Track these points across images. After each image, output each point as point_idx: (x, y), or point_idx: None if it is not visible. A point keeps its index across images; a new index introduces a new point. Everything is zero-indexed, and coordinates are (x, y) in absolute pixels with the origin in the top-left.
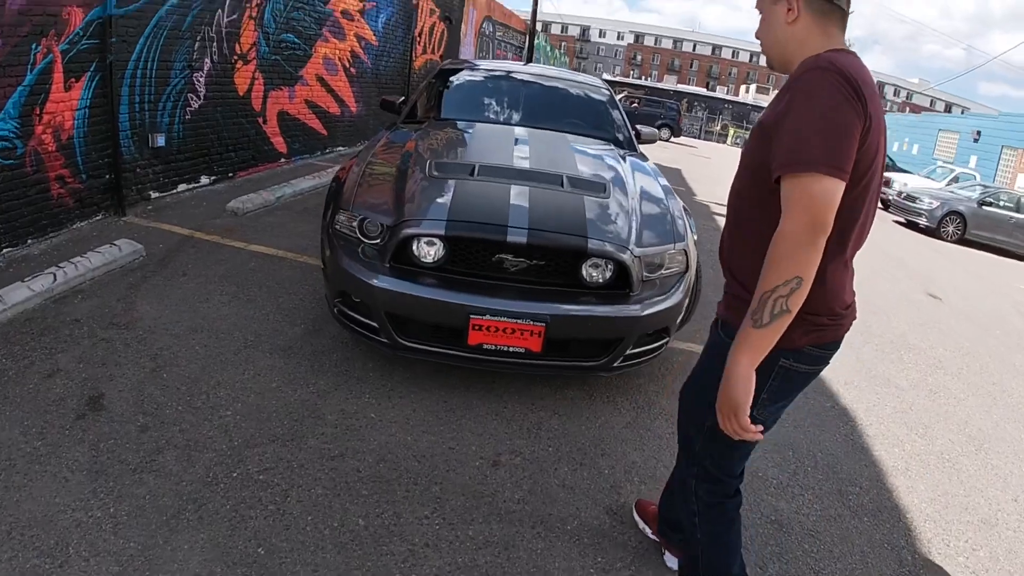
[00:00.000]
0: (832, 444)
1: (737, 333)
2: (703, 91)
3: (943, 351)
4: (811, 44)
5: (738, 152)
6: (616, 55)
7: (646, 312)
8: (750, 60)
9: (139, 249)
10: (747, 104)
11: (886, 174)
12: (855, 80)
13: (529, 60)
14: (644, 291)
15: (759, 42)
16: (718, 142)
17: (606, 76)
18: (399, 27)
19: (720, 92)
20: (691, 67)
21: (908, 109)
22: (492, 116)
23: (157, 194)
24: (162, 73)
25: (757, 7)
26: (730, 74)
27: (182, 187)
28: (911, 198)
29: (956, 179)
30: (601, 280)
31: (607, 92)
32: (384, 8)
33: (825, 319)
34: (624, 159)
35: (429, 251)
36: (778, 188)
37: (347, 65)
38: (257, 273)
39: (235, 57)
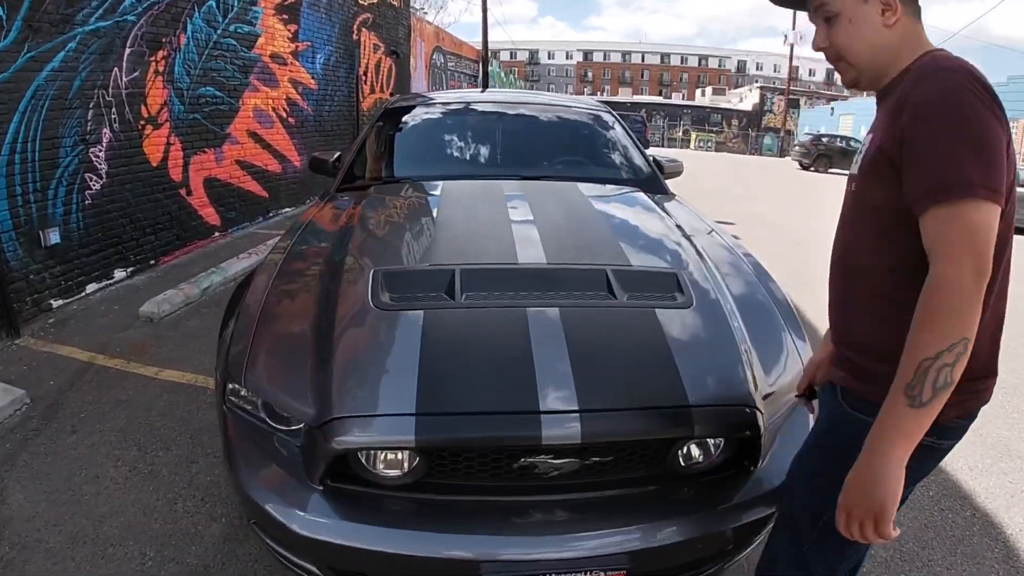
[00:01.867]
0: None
1: (882, 415)
2: (660, 99)
3: None
4: (908, 50)
5: (704, 155)
6: (567, 74)
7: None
8: (699, 64)
9: (20, 396)
10: (705, 107)
11: None
12: (989, 85)
13: (485, 88)
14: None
15: (828, 54)
16: (681, 147)
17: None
18: (341, 67)
19: (676, 99)
20: (642, 77)
21: (866, 93)
22: (464, 168)
23: (60, 301)
24: (48, 153)
25: (826, 11)
26: (681, 79)
27: (91, 287)
28: None
29: None
30: (704, 460)
31: (607, 113)
32: (321, 47)
33: (979, 383)
34: (666, 211)
35: (393, 462)
36: (892, 228)
37: (284, 115)
38: (167, 420)
39: (142, 122)
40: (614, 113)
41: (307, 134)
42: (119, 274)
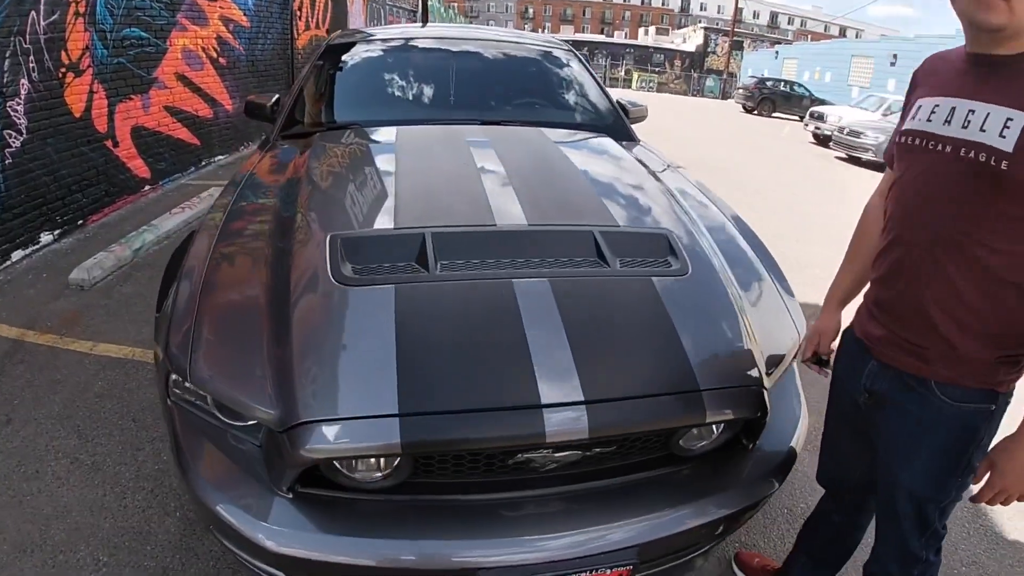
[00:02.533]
0: None
1: None
2: (602, 38)
3: None
4: None
5: (646, 95)
6: (507, 10)
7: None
8: (642, 2)
9: None
10: (648, 47)
11: (819, 108)
12: None
13: (424, 23)
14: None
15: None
16: (624, 87)
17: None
18: (274, 2)
19: (618, 37)
20: (584, 15)
21: (810, 37)
22: (417, 111)
23: None
24: None
25: None
26: (624, 18)
27: (17, 255)
28: (855, 133)
29: (890, 108)
30: (708, 441)
31: (568, 51)
32: None
33: None
34: (640, 161)
35: (372, 464)
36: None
37: (215, 56)
38: (106, 402)
39: (63, 69)
40: (575, 51)
41: (240, 76)
42: (46, 238)
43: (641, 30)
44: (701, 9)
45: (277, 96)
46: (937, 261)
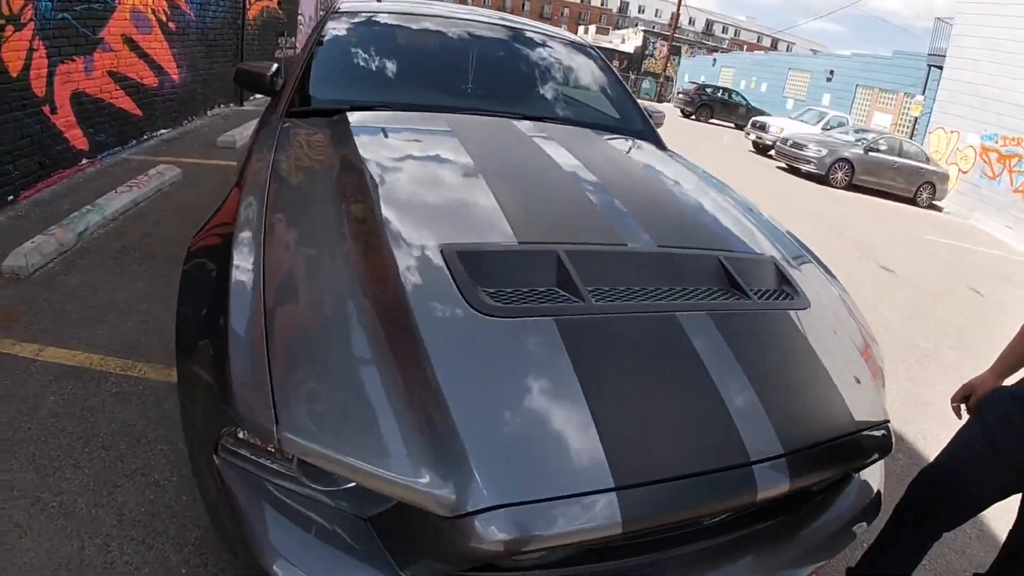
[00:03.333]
0: None
1: None
2: None
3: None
4: None
5: None
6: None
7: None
8: (581, 1)
9: None
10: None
11: (761, 119)
12: None
13: None
14: None
15: None
16: None
17: None
18: None
19: None
20: (523, 8)
21: (746, 47)
22: (452, 98)
23: None
24: None
25: None
26: (563, 14)
27: None
28: (798, 145)
29: (829, 123)
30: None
31: (596, 51)
32: None
33: None
34: (694, 172)
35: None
36: None
37: (164, 19)
38: (65, 423)
39: (1, 21)
40: (597, 49)
41: (188, 43)
42: None
43: (580, 27)
44: (639, 12)
45: (276, 65)
46: None
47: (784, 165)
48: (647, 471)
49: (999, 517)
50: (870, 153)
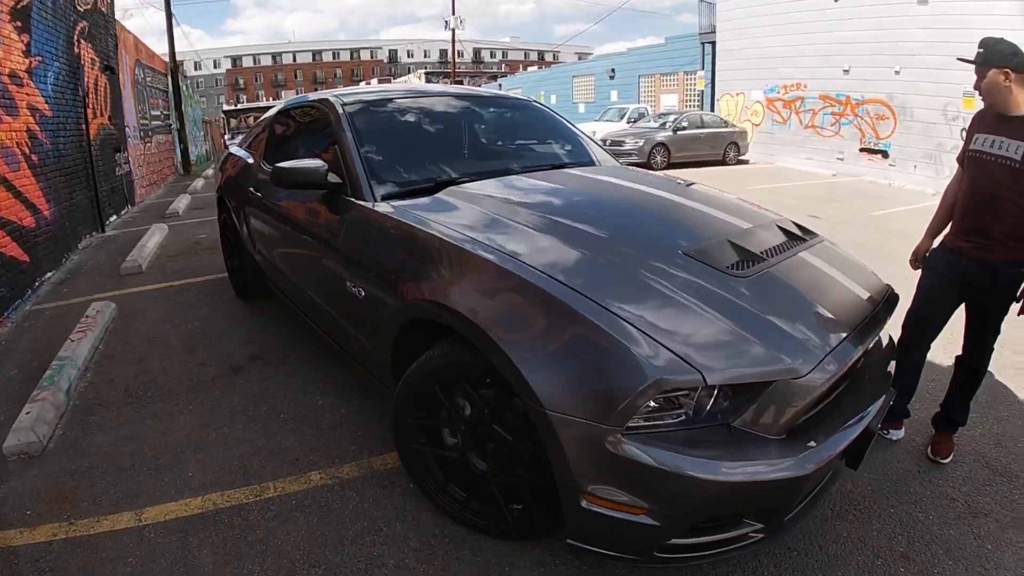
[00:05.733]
0: None
1: None
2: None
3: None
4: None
5: None
6: (217, 84)
7: None
8: (351, 57)
9: None
10: None
11: None
12: None
13: (178, 105)
14: None
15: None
16: None
17: (225, 107)
18: (67, 88)
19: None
20: (296, 78)
21: (524, 67)
22: (484, 164)
23: None
24: None
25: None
26: (336, 75)
27: None
28: (618, 143)
29: (629, 116)
30: None
31: (539, 102)
32: (51, 63)
33: None
34: (682, 181)
35: None
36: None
37: (27, 152)
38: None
39: None
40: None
41: (50, 174)
42: None
43: (362, 83)
44: (409, 56)
45: (323, 163)
46: (994, 209)
47: None
48: (853, 321)
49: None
50: (678, 132)
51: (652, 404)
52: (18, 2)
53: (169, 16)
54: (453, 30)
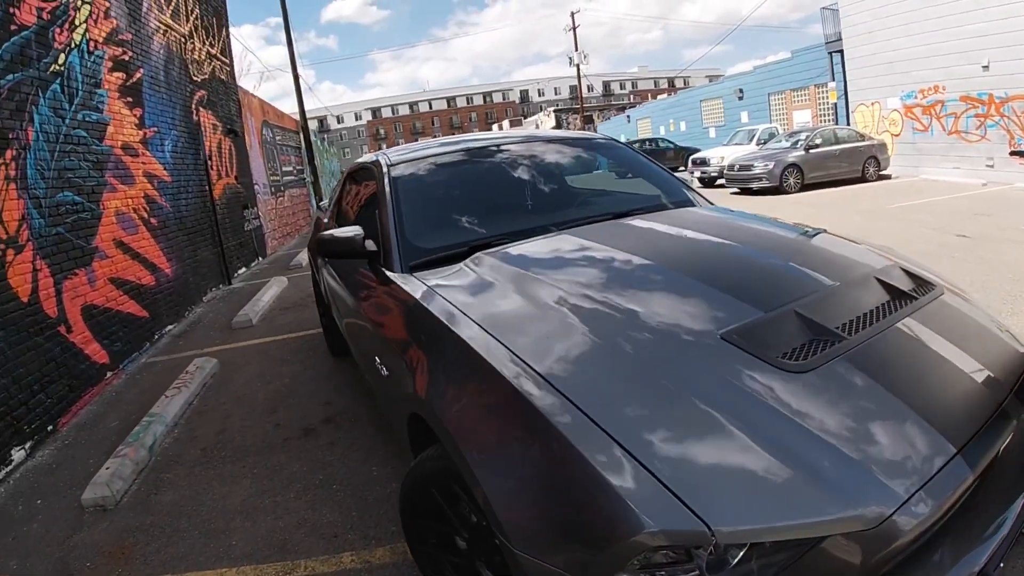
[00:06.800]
0: None
1: None
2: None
3: None
4: None
5: None
6: (359, 135)
7: None
8: (484, 101)
9: None
10: None
11: (699, 154)
12: None
13: (311, 160)
14: None
15: None
16: None
17: (362, 158)
18: (187, 153)
19: None
20: (433, 124)
21: (651, 95)
22: (536, 217)
23: None
24: None
25: None
26: (471, 119)
27: None
28: (746, 167)
29: (759, 138)
30: None
31: (615, 141)
32: (167, 132)
33: None
34: (766, 218)
35: None
36: None
37: (145, 215)
38: None
39: (1, 246)
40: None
41: (171, 234)
42: (18, 455)
43: (494, 126)
44: (540, 95)
45: (359, 229)
46: None
47: (736, 189)
48: (965, 428)
49: None
50: (811, 151)
51: (655, 557)
52: (128, 79)
53: (296, 79)
54: (578, 66)
